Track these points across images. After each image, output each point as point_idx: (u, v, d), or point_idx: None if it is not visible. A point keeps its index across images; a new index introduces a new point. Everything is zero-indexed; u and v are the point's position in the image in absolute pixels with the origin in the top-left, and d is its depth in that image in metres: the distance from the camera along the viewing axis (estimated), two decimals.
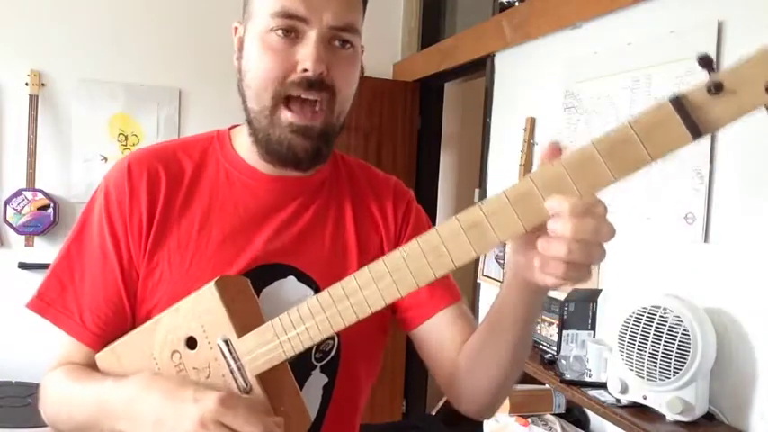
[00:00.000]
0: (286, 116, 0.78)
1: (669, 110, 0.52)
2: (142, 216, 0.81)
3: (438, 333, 0.87)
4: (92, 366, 0.82)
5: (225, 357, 0.74)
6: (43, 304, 0.82)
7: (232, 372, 0.74)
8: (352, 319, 0.67)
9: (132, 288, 0.82)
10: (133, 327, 0.83)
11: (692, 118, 0.52)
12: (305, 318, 0.69)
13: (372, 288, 0.65)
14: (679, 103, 0.52)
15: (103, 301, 0.82)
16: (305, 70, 0.76)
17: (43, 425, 0.84)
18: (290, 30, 0.77)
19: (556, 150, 0.58)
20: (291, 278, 0.84)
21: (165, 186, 0.83)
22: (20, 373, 2.90)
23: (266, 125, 0.80)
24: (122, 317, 0.82)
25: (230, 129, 0.92)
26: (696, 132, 0.52)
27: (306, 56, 0.76)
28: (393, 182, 0.97)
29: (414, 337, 0.90)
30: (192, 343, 0.76)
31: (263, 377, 0.74)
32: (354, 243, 0.88)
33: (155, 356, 0.78)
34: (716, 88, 0.51)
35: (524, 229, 0.58)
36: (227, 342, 0.74)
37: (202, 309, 0.74)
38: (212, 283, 0.74)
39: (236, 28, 0.87)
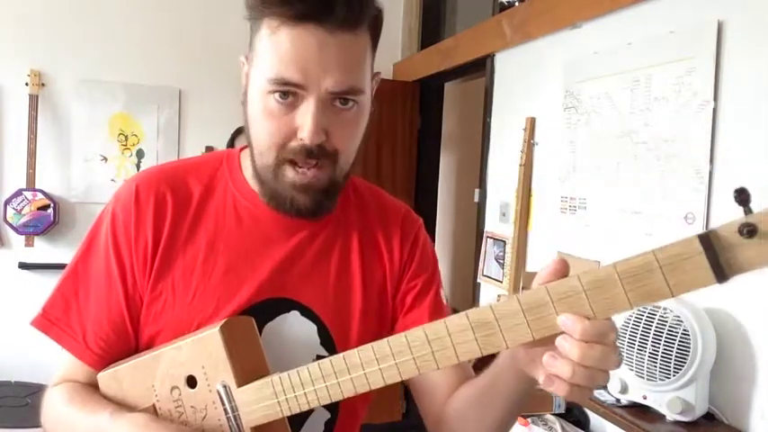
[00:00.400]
0: (290, 175, 0.77)
1: (696, 246, 0.50)
2: (148, 242, 0.81)
3: (429, 381, 0.87)
4: (93, 385, 0.82)
5: (223, 404, 0.74)
6: (47, 322, 0.83)
7: (228, 419, 0.74)
8: (351, 392, 0.67)
9: (136, 312, 0.82)
10: (137, 348, 0.83)
11: (719, 260, 0.49)
12: (305, 383, 0.69)
13: (374, 367, 0.65)
14: (707, 240, 0.50)
15: (107, 322, 0.81)
16: (302, 139, 0.74)
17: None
18: (288, 94, 0.74)
19: (563, 267, 0.58)
20: (295, 313, 0.83)
21: (171, 212, 0.82)
22: (19, 373, 2.90)
23: (271, 179, 0.79)
24: (125, 339, 0.82)
25: (241, 150, 0.90)
26: (721, 275, 0.50)
27: (303, 124, 0.74)
28: (403, 211, 0.95)
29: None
30: (192, 382, 0.76)
31: (258, 430, 0.74)
32: (359, 278, 0.87)
33: (155, 387, 0.78)
34: (749, 232, 0.48)
35: (533, 338, 0.58)
36: (226, 389, 0.74)
37: (205, 351, 0.75)
38: (217, 329, 0.73)
39: (242, 63, 0.84)
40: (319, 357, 0.71)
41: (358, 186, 0.95)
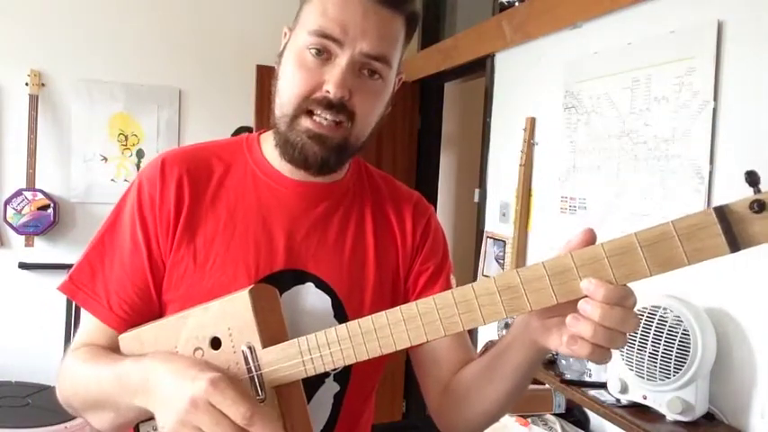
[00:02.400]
0: (305, 123, 0.81)
1: (711, 217, 0.55)
2: (170, 210, 0.85)
3: (435, 351, 0.89)
4: (114, 349, 0.84)
5: (246, 364, 0.76)
6: (74, 287, 0.86)
7: (251, 379, 0.76)
8: (376, 353, 0.70)
9: (159, 277, 0.85)
10: (160, 314, 0.85)
11: (732, 230, 0.54)
12: (331, 342, 0.72)
13: (401, 328, 0.68)
14: (722, 212, 0.54)
15: (131, 286, 0.85)
16: (327, 91, 0.79)
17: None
18: (323, 49, 0.79)
19: (590, 237, 0.61)
20: (310, 285, 0.86)
21: (194, 184, 0.86)
22: (20, 373, 2.90)
23: (285, 130, 0.83)
24: (149, 303, 0.85)
25: (260, 133, 0.94)
26: (734, 245, 0.54)
27: (331, 78, 0.78)
28: (415, 198, 0.98)
29: (411, 348, 0.92)
30: (216, 343, 0.78)
31: (278, 390, 0.76)
32: (373, 256, 0.90)
33: (178, 349, 0.80)
34: (759, 207, 0.53)
35: (556, 301, 0.61)
36: (251, 349, 0.76)
37: (232, 313, 0.77)
38: (246, 291, 0.76)
39: (285, 33, 0.88)
40: None
41: (371, 171, 0.98)
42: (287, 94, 0.81)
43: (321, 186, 0.89)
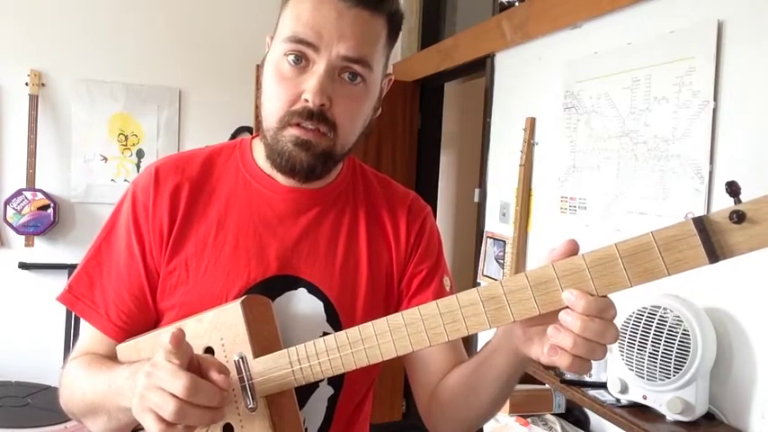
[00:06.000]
0: (292, 132, 0.80)
1: (690, 228, 0.54)
2: (164, 220, 0.85)
3: (426, 355, 0.89)
4: (112, 357, 0.85)
5: (239, 373, 0.77)
6: (73, 298, 0.87)
7: (243, 389, 0.76)
8: (364, 363, 0.70)
9: (155, 285, 0.85)
10: (157, 321, 0.86)
11: (711, 240, 0.54)
12: (320, 353, 0.73)
13: (387, 338, 0.69)
14: (701, 223, 0.54)
15: (128, 296, 0.85)
16: (306, 101, 0.78)
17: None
18: (301, 57, 0.78)
19: (573, 248, 0.61)
20: (302, 290, 0.86)
21: (187, 192, 0.86)
22: (19, 373, 2.90)
23: (272, 140, 0.82)
24: (146, 311, 0.86)
25: (253, 138, 0.94)
26: (713, 256, 0.54)
27: (309, 87, 0.77)
28: (410, 198, 0.97)
29: None
30: (209, 353, 0.79)
31: (270, 399, 0.76)
32: (366, 260, 0.90)
33: None
34: (738, 218, 0.53)
35: (539, 312, 0.61)
36: (242, 360, 0.76)
37: (225, 323, 0.77)
38: (238, 302, 0.77)
39: (267, 43, 0.87)
40: (325, 334, 0.74)
41: (366, 172, 0.98)
42: (269, 107, 0.81)
43: (312, 191, 0.88)
